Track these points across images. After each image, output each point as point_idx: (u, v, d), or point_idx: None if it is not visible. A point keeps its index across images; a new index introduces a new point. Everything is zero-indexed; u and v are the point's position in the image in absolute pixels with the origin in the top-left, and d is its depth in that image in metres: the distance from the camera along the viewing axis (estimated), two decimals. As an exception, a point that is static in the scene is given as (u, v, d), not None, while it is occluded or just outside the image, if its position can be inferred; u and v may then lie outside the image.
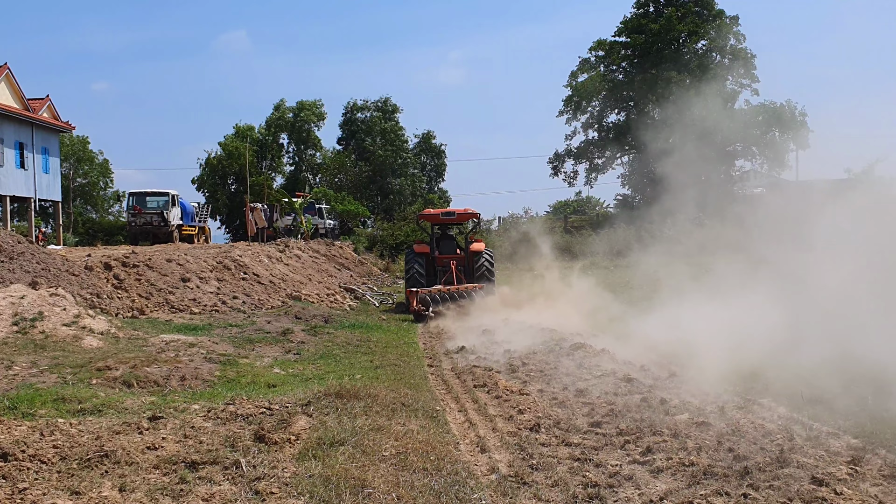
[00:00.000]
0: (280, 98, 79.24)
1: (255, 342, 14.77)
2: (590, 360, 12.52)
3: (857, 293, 16.72)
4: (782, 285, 18.37)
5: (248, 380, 11.81)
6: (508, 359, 13.26)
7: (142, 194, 42.46)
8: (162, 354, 12.82)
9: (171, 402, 10.11)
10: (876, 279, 15.13)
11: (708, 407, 9.34)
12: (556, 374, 11.73)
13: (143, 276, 19.39)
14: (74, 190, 69.45)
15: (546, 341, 14.94)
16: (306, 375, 12.26)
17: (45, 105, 41.01)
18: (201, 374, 12.01)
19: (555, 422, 8.80)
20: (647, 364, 12.57)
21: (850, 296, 17.24)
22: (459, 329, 18.12)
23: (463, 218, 26.28)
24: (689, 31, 60.15)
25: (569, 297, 22.63)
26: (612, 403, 9.54)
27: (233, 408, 9.36)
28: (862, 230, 17.80)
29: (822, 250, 18.74)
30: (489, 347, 14.86)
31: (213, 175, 68.66)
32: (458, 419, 9.36)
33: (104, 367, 11.84)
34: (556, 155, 66.51)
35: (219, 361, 12.71)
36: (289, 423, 8.70)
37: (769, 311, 16.51)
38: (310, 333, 16.05)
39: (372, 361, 13.52)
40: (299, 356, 13.93)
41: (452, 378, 12.17)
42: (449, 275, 23.25)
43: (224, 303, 19.26)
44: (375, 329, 18.04)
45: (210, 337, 14.84)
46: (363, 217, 59.28)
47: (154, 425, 8.76)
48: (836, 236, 18.53)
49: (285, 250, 28.94)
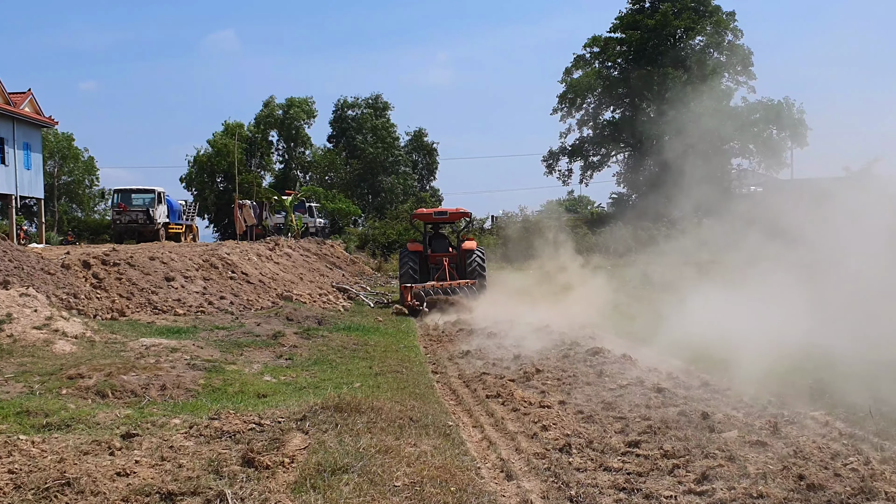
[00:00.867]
0: (269, 95, 77.71)
1: (243, 346, 13.62)
2: (611, 367, 11.43)
3: (882, 290, 15.95)
4: (803, 281, 17.49)
5: (236, 389, 10.69)
6: (520, 365, 12.15)
7: (127, 191, 41.10)
8: (141, 360, 11.67)
9: (148, 416, 9.00)
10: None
11: (756, 422, 8.27)
12: (576, 384, 10.63)
13: (124, 275, 18.21)
14: (59, 188, 67.96)
15: (558, 345, 13.87)
16: (300, 384, 11.14)
17: (27, 99, 39.68)
18: (184, 382, 10.87)
19: (586, 441, 7.70)
20: (673, 371, 11.51)
21: (875, 293, 16.44)
22: (462, 332, 17.03)
23: (455, 217, 26.81)
24: (686, 27, 59.25)
25: (579, 297, 21.69)
26: (647, 418, 8.44)
27: (218, 423, 8.24)
28: (877, 226, 17.10)
29: (835, 248, 17.93)
30: (496, 352, 13.75)
31: (202, 173, 67.28)
32: (474, 437, 8.25)
33: (76, 374, 10.70)
34: (550, 153, 65.50)
35: (203, 368, 11.57)
36: (282, 443, 7.59)
37: (792, 307, 15.57)
38: (302, 336, 14.88)
39: (371, 368, 12.39)
40: (291, 362, 12.80)
41: (461, 387, 11.05)
42: (442, 272, 23.77)
43: (210, 303, 18.10)
44: (372, 331, 16.88)
45: (195, 340, 13.68)
46: (354, 215, 58.11)
47: (127, 444, 7.67)
48: (850, 233, 17.74)
49: (275, 249, 27.77)
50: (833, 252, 18.15)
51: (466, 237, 26.45)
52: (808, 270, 17.78)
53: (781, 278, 17.86)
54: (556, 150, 65.16)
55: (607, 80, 62.33)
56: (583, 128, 64.29)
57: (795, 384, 10.35)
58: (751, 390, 10.04)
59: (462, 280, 23.31)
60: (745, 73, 61.01)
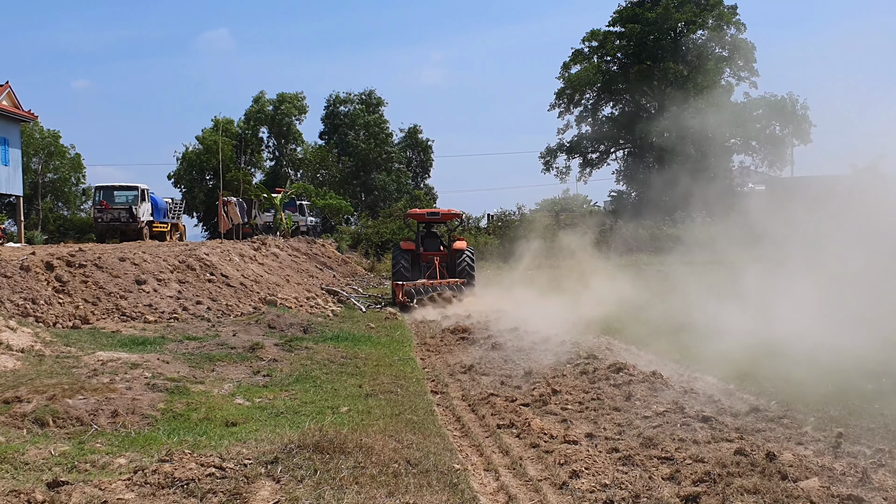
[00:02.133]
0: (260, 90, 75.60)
1: (215, 360, 11.96)
2: (639, 388, 9.82)
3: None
4: (830, 281, 16.17)
5: (201, 415, 9.06)
6: (533, 384, 10.53)
7: (109, 188, 39.24)
8: (94, 379, 10.03)
9: (89, 454, 7.43)
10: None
11: (836, 465, 6.67)
12: (602, 409, 9.01)
13: (90, 278, 16.54)
14: (45, 185, 66.11)
15: (572, 358, 12.24)
16: (277, 407, 9.51)
17: (5, 92, 37.83)
18: (140, 407, 9.24)
19: (631, 494, 6.09)
20: (712, 391, 9.92)
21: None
22: (463, 341, 15.42)
23: (446, 217, 27.67)
24: (687, 21, 57.64)
25: (583, 299, 20.25)
26: (700, 459, 6.84)
27: (169, 467, 6.64)
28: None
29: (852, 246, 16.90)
30: (503, 366, 12.13)
31: (191, 170, 65.53)
32: (487, 486, 6.62)
33: (13, 398, 9.06)
34: (547, 150, 63.82)
35: (165, 389, 9.92)
36: (245, 499, 5.98)
37: (836, 311, 14.13)
38: (284, 348, 13.18)
39: (361, 387, 10.75)
40: (270, 379, 11.15)
41: (466, 412, 9.42)
42: (432, 270, 24.50)
43: (185, 309, 16.44)
44: (363, 341, 15.19)
45: (161, 354, 12.02)
46: (346, 214, 56.43)
47: (52, 497, 6.09)
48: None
49: (261, 248, 26.08)
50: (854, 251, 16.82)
51: (457, 237, 27.31)
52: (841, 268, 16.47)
53: (817, 277, 16.46)
54: (554, 147, 63.53)
55: (606, 74, 60.73)
56: (581, 124, 62.69)
57: (859, 410, 8.80)
58: (810, 417, 8.46)
59: (452, 279, 24.06)
60: (748, 68, 59.50)
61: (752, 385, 10.21)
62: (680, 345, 13.70)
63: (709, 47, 59.00)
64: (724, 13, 58.01)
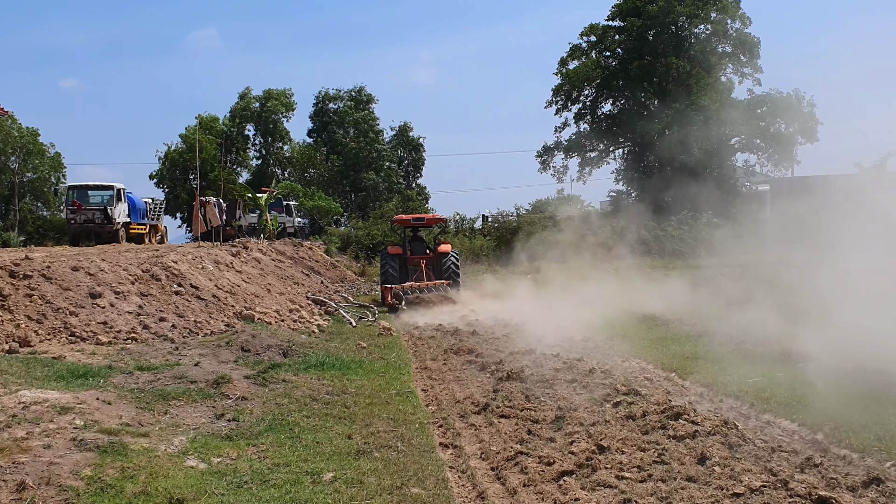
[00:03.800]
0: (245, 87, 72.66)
1: (170, 399, 9.64)
2: (711, 445, 7.55)
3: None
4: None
5: (138, 487, 6.79)
6: (567, 434, 8.26)
7: (83, 188, 36.90)
8: (4, 433, 7.72)
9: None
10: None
11: None
12: (671, 478, 6.77)
13: (36, 291, 14.19)
14: (23, 185, 63.55)
15: (609, 394, 9.99)
16: (240, 473, 7.24)
17: (-28, 86, 35.54)
18: (59, 474, 6.95)
19: None
20: (800, 446, 7.69)
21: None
22: (470, 365, 13.17)
23: (431, 222, 30.41)
24: (690, 14, 55.46)
25: (593, 308, 18.33)
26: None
27: None
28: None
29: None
30: (525, 405, 9.82)
31: (174, 169, 63.08)
32: None
33: None
34: (544, 148, 61.53)
35: (97, 446, 7.61)
36: None
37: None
38: (257, 381, 10.81)
39: (351, 438, 8.45)
40: (236, 425, 8.84)
41: (490, 481, 7.14)
42: (419, 273, 25.42)
43: (146, 327, 14.12)
44: (354, 368, 12.80)
45: (102, 390, 9.69)
46: (336, 214, 54.10)
47: None
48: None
49: (240, 253, 23.71)
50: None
51: (442, 241, 28.40)
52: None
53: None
54: (552, 145, 61.27)
55: (606, 70, 58.52)
56: (580, 122, 60.40)
57: None
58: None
59: (438, 280, 25.07)
60: (751, 64, 57.40)
61: (849, 434, 7.96)
62: (729, 370, 11.50)
63: (712, 42, 56.89)
64: (729, 6, 55.86)
